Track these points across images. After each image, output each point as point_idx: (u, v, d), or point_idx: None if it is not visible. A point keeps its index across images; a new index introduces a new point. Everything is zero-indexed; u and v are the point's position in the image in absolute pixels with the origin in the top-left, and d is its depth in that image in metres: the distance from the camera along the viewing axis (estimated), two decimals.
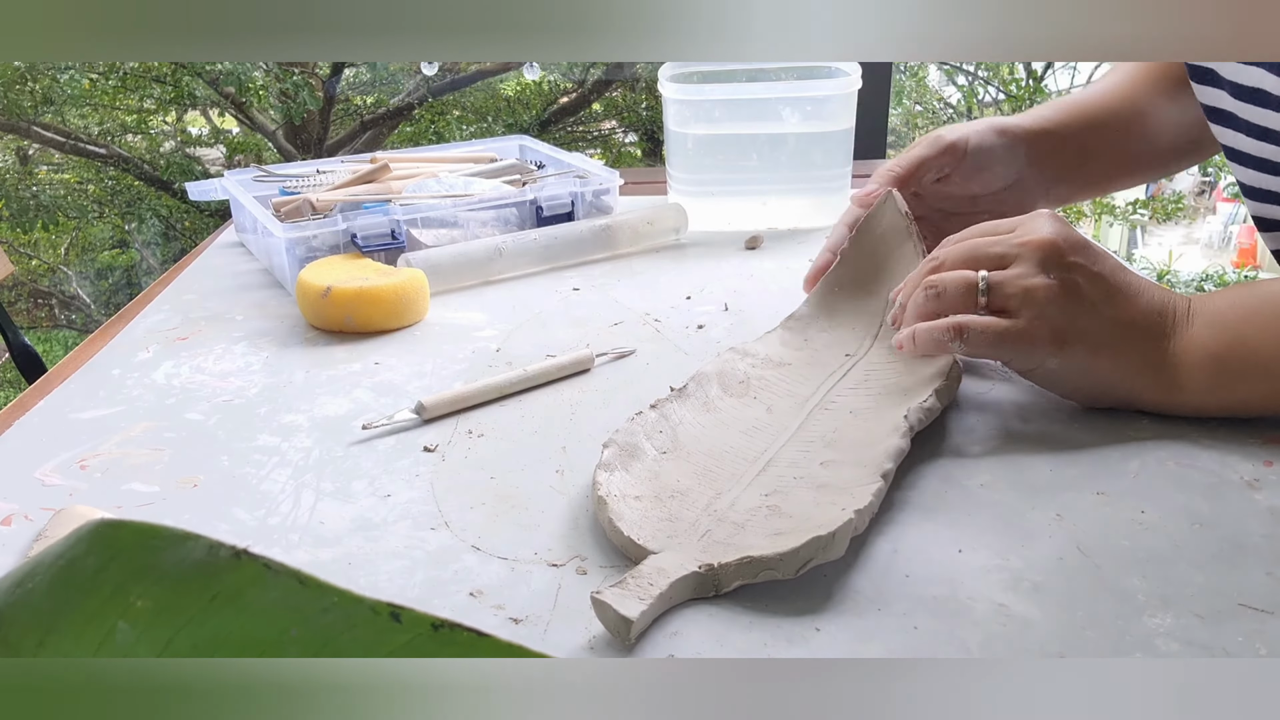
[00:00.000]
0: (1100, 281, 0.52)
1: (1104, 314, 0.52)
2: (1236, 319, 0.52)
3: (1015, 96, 4.71)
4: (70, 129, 4.35)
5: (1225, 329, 0.52)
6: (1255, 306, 0.52)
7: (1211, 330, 0.52)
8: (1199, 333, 0.52)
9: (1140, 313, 0.52)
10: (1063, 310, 0.51)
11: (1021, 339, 0.51)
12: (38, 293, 4.54)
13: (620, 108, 4.65)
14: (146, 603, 0.19)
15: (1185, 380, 0.52)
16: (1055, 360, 0.52)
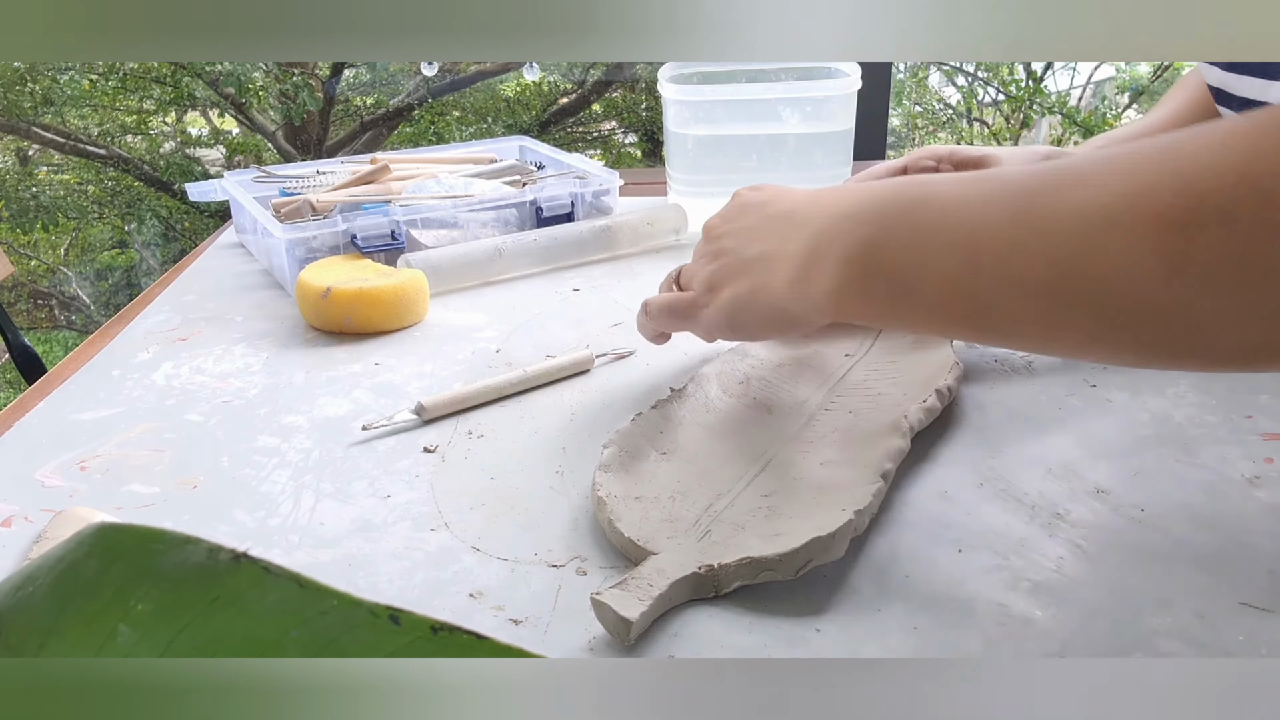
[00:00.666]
0: (751, 230, 0.50)
1: (748, 254, 0.49)
2: (878, 212, 0.43)
3: (1015, 97, 4.71)
4: (70, 130, 4.35)
5: (861, 222, 0.43)
6: (910, 201, 0.42)
7: (847, 223, 0.44)
8: (833, 225, 0.44)
9: (795, 235, 0.47)
10: (713, 270, 0.51)
11: (679, 301, 0.53)
12: (37, 293, 4.54)
13: (620, 108, 4.65)
14: (147, 605, 0.19)
15: (821, 293, 0.45)
16: (710, 309, 0.51)
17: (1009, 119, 4.90)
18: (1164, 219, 0.33)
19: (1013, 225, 0.37)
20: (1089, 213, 0.35)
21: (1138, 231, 0.33)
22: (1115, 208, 0.34)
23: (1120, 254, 0.34)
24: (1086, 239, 0.35)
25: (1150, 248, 0.33)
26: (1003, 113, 4.94)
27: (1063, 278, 0.35)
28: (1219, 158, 0.32)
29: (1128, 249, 0.34)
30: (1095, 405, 0.57)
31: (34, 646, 0.19)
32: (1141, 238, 0.33)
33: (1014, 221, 0.37)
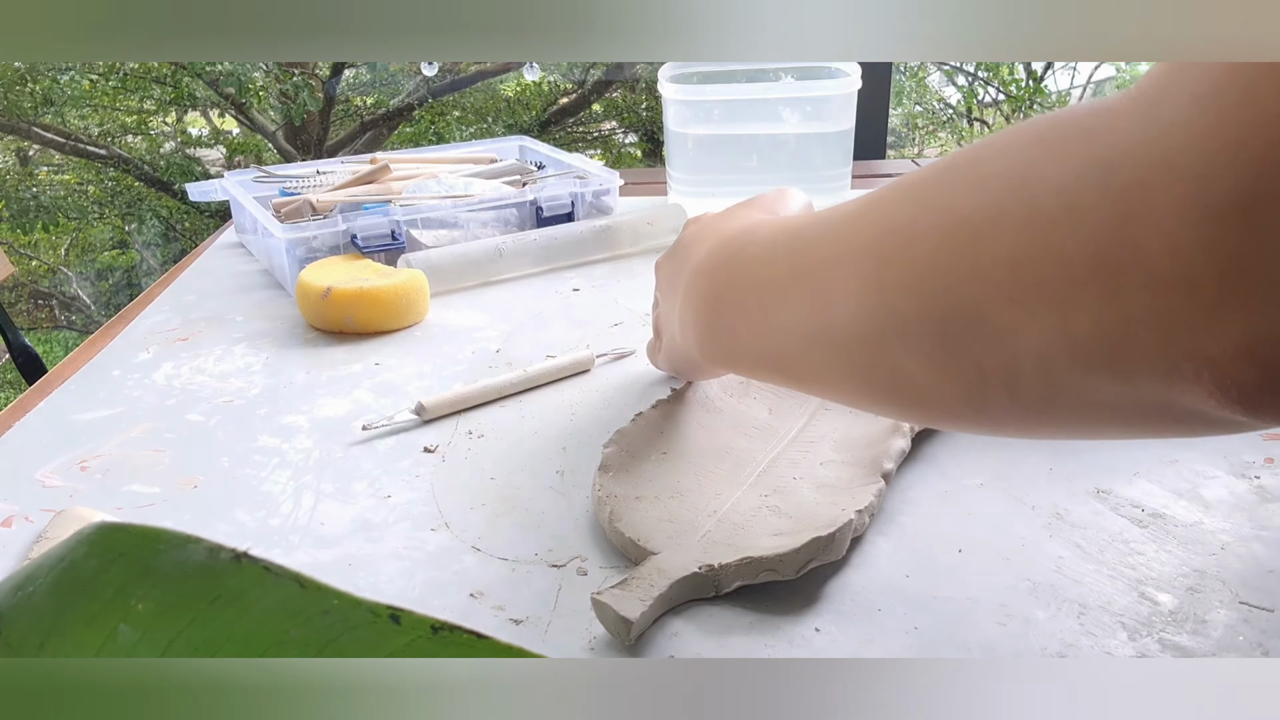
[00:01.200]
0: (662, 283, 0.53)
1: (663, 305, 0.53)
2: (713, 266, 0.43)
3: (1015, 97, 4.71)
4: (70, 130, 4.36)
5: (704, 276, 0.44)
6: (732, 255, 0.42)
7: (697, 279, 0.45)
8: (691, 280, 0.45)
9: (678, 290, 0.47)
10: (654, 319, 0.57)
11: (649, 348, 0.60)
12: (38, 294, 4.54)
13: (620, 108, 4.66)
14: (147, 605, 0.19)
15: (695, 350, 0.46)
16: (665, 359, 0.57)
17: (1009, 119, 4.90)
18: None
19: (791, 277, 0.37)
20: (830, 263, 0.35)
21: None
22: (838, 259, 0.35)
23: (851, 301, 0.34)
24: (829, 291, 0.35)
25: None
26: (1003, 113, 4.94)
27: (814, 329, 0.35)
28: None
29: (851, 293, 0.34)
30: None
31: (34, 646, 0.19)
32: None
33: (792, 274, 0.37)
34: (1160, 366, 0.25)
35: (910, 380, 0.32)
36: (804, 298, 0.36)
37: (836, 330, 0.34)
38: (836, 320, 0.34)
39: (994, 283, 0.28)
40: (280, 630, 0.18)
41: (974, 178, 0.30)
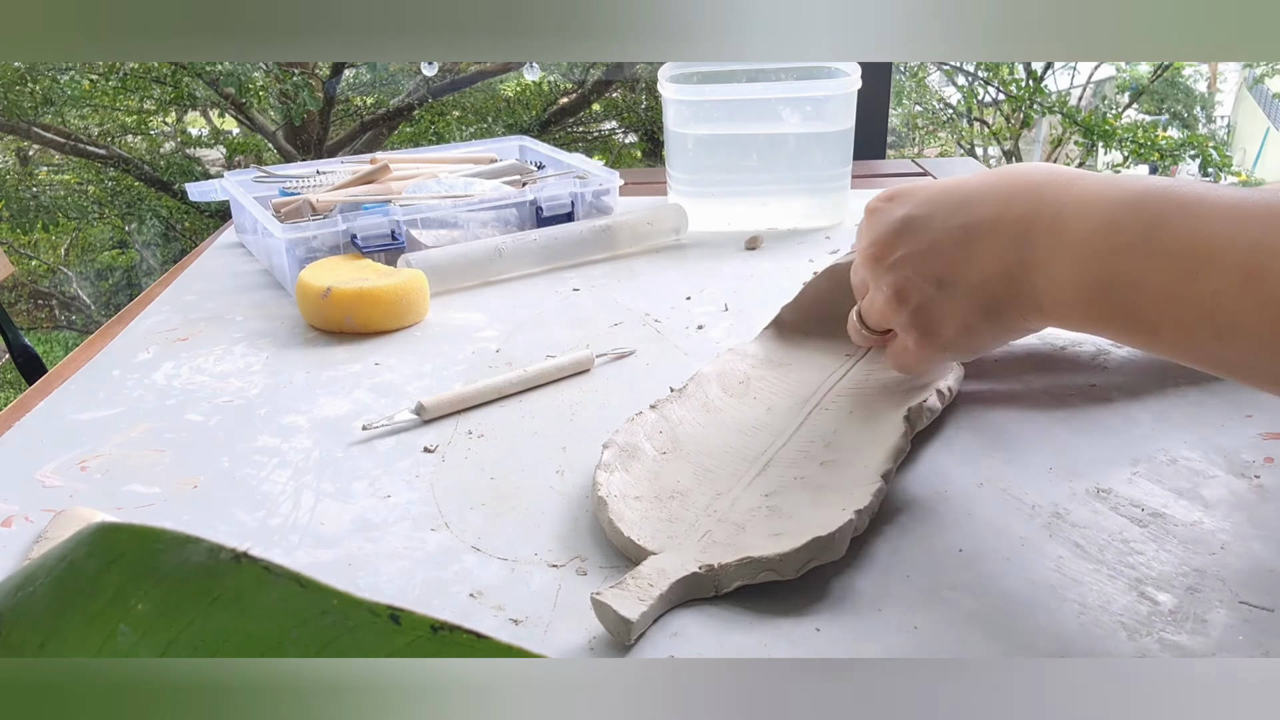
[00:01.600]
0: (930, 259, 0.47)
1: (949, 291, 0.47)
2: (1108, 249, 0.41)
3: (1015, 97, 4.72)
4: (70, 130, 4.36)
5: (1095, 261, 0.42)
6: (1138, 233, 0.40)
7: (1078, 263, 0.42)
8: (1063, 267, 0.43)
9: (987, 263, 0.45)
10: (912, 313, 0.48)
11: (907, 356, 0.50)
12: (38, 294, 4.54)
13: (620, 108, 4.66)
14: (147, 605, 0.19)
15: (1061, 320, 0.45)
16: (950, 354, 0.50)
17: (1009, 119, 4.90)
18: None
19: (1264, 254, 0.36)
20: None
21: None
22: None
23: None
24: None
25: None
26: (1003, 113, 4.95)
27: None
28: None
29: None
30: (1095, 405, 0.57)
31: (34, 646, 0.19)
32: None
33: (1261, 249, 0.36)
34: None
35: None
36: (1271, 332, 0.35)
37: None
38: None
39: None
40: (280, 630, 0.18)
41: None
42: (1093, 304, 0.42)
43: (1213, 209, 0.39)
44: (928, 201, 0.48)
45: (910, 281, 0.48)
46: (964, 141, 5.03)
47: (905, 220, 0.48)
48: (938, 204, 0.48)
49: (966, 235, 0.46)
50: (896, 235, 0.48)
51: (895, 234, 0.48)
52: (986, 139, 4.96)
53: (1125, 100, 5.01)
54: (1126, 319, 0.41)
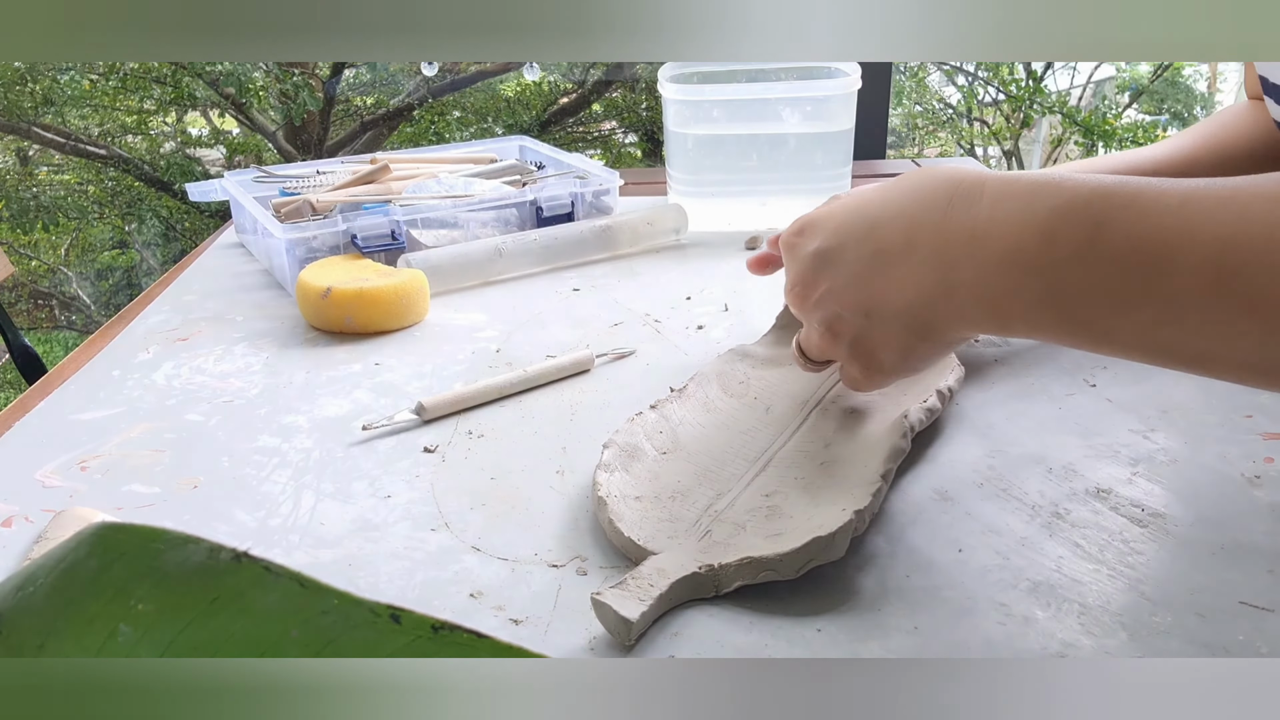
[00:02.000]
0: (851, 292, 0.46)
1: (878, 320, 0.45)
2: (1045, 263, 0.39)
3: (1015, 97, 4.71)
4: (70, 130, 4.35)
5: (1030, 275, 0.40)
6: (1081, 242, 0.38)
7: (1010, 281, 0.40)
8: (992, 285, 0.41)
9: (907, 288, 0.43)
10: (848, 346, 0.47)
11: (857, 383, 0.49)
12: (38, 294, 4.54)
13: (620, 108, 4.66)
14: (148, 605, 0.19)
15: (1001, 332, 0.43)
16: (896, 377, 0.48)
17: (1009, 119, 4.90)
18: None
19: (1221, 296, 0.35)
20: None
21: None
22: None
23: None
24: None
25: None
26: (1003, 113, 4.94)
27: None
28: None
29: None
30: (1095, 405, 0.57)
31: (35, 646, 0.19)
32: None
33: (1222, 292, 0.35)
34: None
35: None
36: (1247, 324, 0.35)
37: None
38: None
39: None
40: (281, 630, 0.18)
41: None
42: (1034, 317, 0.40)
43: (1160, 204, 0.37)
44: (835, 232, 0.47)
45: (838, 316, 0.47)
46: (964, 141, 5.03)
47: (819, 255, 0.47)
48: (846, 233, 0.46)
49: (880, 262, 0.44)
50: (814, 272, 0.47)
51: (813, 271, 0.47)
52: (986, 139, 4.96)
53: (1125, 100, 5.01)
54: (1078, 328, 0.39)
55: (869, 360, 0.47)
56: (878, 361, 0.47)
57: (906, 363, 0.47)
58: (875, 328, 0.46)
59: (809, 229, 0.48)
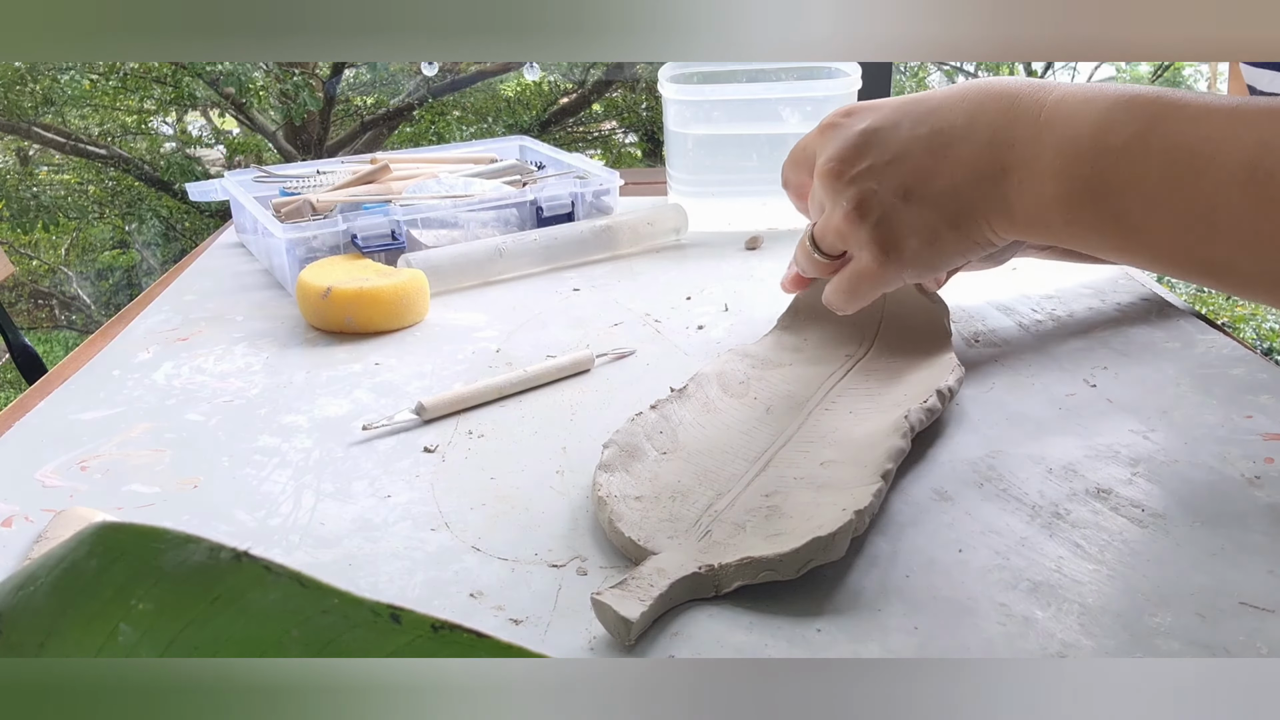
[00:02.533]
0: (896, 168, 0.45)
1: (915, 201, 0.45)
2: (1098, 149, 0.41)
3: None
4: (71, 130, 4.36)
5: (1081, 161, 0.41)
6: (1134, 133, 0.40)
7: (1062, 164, 0.41)
8: (1044, 169, 0.42)
9: (958, 169, 0.44)
10: (873, 227, 0.46)
11: (863, 277, 0.48)
12: (38, 293, 4.54)
13: (620, 108, 4.66)
14: (148, 605, 0.19)
15: (1033, 227, 0.44)
16: (910, 271, 0.48)
17: None
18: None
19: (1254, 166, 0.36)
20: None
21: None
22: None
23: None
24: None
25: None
26: None
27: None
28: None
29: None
30: (1095, 405, 0.57)
31: (35, 646, 0.19)
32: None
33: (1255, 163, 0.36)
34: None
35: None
36: (1274, 227, 0.35)
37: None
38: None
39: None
40: (281, 629, 0.18)
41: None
42: (1074, 206, 0.41)
43: (1210, 111, 0.38)
44: (892, 112, 0.46)
45: (874, 194, 0.46)
46: None
47: (868, 132, 0.46)
48: (903, 113, 0.46)
49: (936, 142, 0.45)
50: (859, 148, 0.46)
51: (857, 146, 0.46)
52: None
53: None
54: (1111, 221, 0.41)
55: (890, 246, 0.46)
56: (899, 248, 0.46)
57: (928, 253, 0.46)
58: (910, 209, 0.45)
59: (859, 111, 0.48)
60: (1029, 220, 0.43)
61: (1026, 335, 0.66)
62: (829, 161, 0.47)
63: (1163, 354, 0.62)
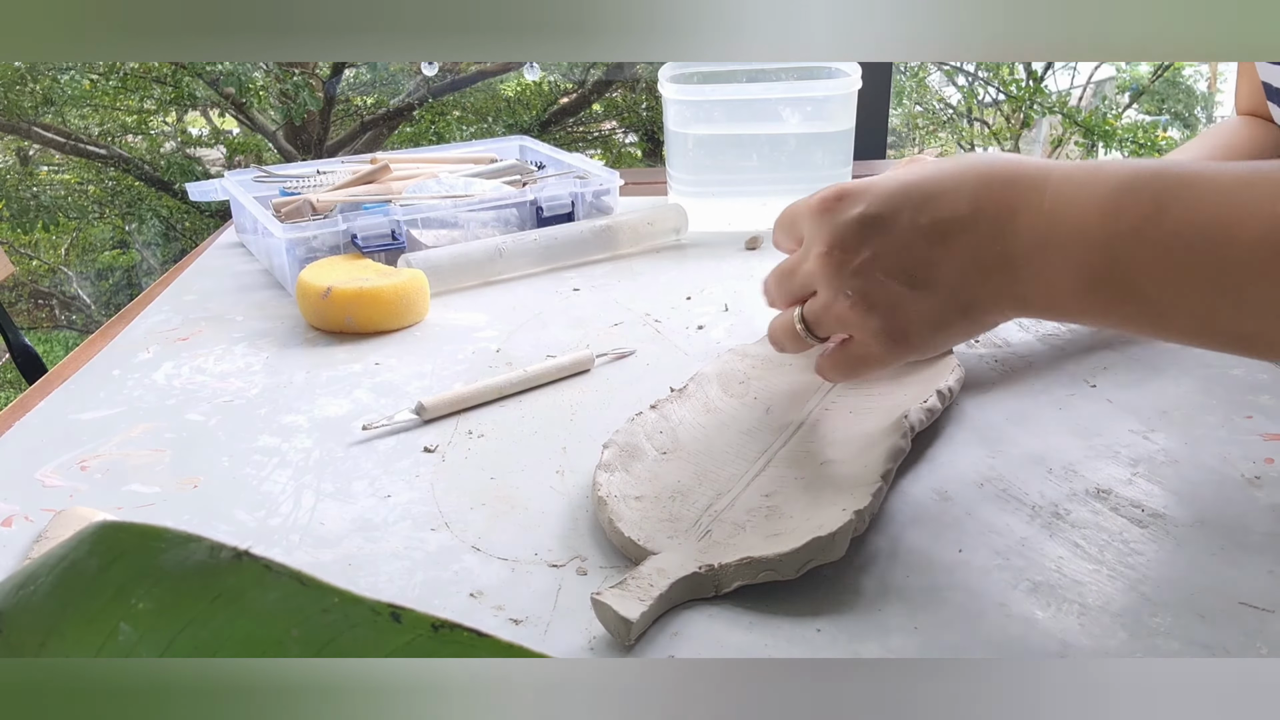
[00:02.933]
0: (900, 259, 0.44)
1: (922, 292, 0.44)
2: (1108, 235, 0.40)
3: (1015, 97, 4.71)
4: (71, 130, 4.36)
5: (1092, 249, 0.40)
6: (1143, 216, 0.39)
7: (1073, 253, 0.41)
8: (1055, 259, 0.42)
9: (964, 260, 0.43)
10: (881, 317, 0.45)
11: (868, 361, 0.48)
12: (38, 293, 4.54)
13: (620, 108, 4.66)
14: (148, 604, 0.19)
15: (1049, 312, 0.44)
16: (916, 354, 0.47)
17: (1009, 119, 4.90)
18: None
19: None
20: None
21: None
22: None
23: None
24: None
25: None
26: (1003, 113, 4.94)
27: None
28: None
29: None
30: (1095, 405, 0.57)
31: (35, 645, 0.19)
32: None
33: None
34: None
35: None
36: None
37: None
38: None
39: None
40: (281, 628, 0.18)
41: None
42: (1090, 293, 0.41)
43: (1218, 185, 0.38)
44: (888, 198, 0.45)
45: (879, 285, 0.45)
46: (964, 142, 5.03)
47: (868, 219, 0.45)
48: (901, 200, 0.45)
49: (938, 232, 0.44)
50: (859, 237, 0.45)
51: (858, 236, 0.45)
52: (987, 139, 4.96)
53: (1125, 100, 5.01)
54: (1131, 305, 0.40)
55: (898, 334, 0.46)
56: (906, 336, 0.46)
57: (937, 338, 0.46)
58: (917, 300, 0.45)
59: (850, 196, 0.46)
60: (1043, 307, 0.44)
61: (1026, 335, 0.66)
62: (830, 250, 0.46)
63: (1163, 354, 0.62)
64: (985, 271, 0.43)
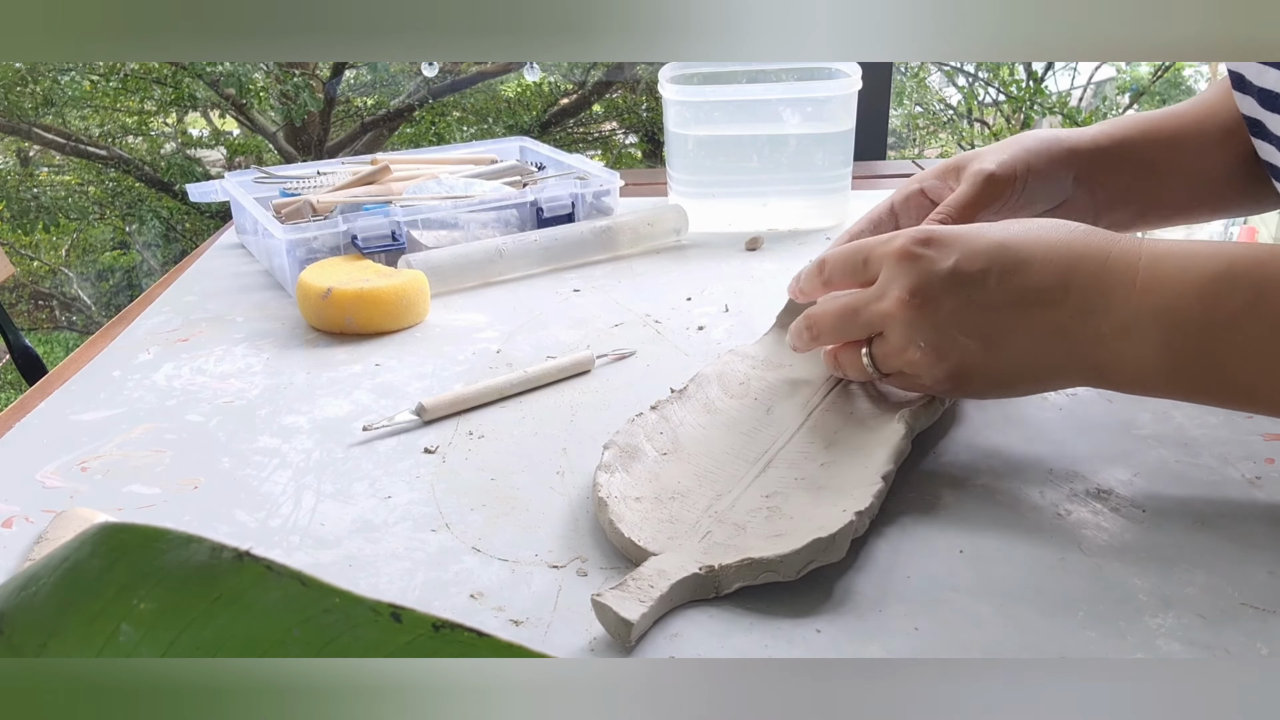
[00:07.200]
0: (980, 320, 0.45)
1: (996, 354, 0.45)
2: (1204, 322, 0.41)
3: (1015, 97, 4.72)
4: (71, 131, 4.36)
5: (1185, 335, 0.42)
6: (1240, 307, 0.41)
7: (1165, 337, 0.42)
8: (1144, 341, 0.42)
9: (1046, 332, 0.44)
10: (950, 369, 0.46)
11: (914, 388, 0.51)
12: (38, 294, 4.54)
13: (621, 109, 4.66)
14: (150, 605, 0.19)
15: (1128, 387, 0.45)
16: (980, 397, 0.49)
17: (1009, 119, 4.90)
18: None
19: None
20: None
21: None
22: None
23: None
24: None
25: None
26: (1003, 113, 4.95)
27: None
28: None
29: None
30: (1095, 405, 0.57)
31: (36, 645, 0.19)
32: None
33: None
34: None
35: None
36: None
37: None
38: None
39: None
40: (282, 629, 0.18)
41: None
42: (1178, 373, 0.43)
43: None
44: (978, 256, 0.45)
45: (954, 340, 0.45)
46: (964, 142, 5.03)
47: (954, 274, 0.45)
48: (990, 260, 0.45)
49: (1024, 300, 0.44)
50: (944, 290, 0.45)
51: (942, 288, 0.45)
52: (987, 140, 4.96)
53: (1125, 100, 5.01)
54: (1218, 386, 0.42)
55: (963, 382, 0.47)
56: (970, 386, 0.47)
57: (1000, 393, 0.48)
58: (989, 359, 0.45)
59: (939, 243, 0.46)
60: (1123, 382, 0.44)
61: None
62: (913, 297, 0.46)
63: None
64: (1068, 345, 0.44)
